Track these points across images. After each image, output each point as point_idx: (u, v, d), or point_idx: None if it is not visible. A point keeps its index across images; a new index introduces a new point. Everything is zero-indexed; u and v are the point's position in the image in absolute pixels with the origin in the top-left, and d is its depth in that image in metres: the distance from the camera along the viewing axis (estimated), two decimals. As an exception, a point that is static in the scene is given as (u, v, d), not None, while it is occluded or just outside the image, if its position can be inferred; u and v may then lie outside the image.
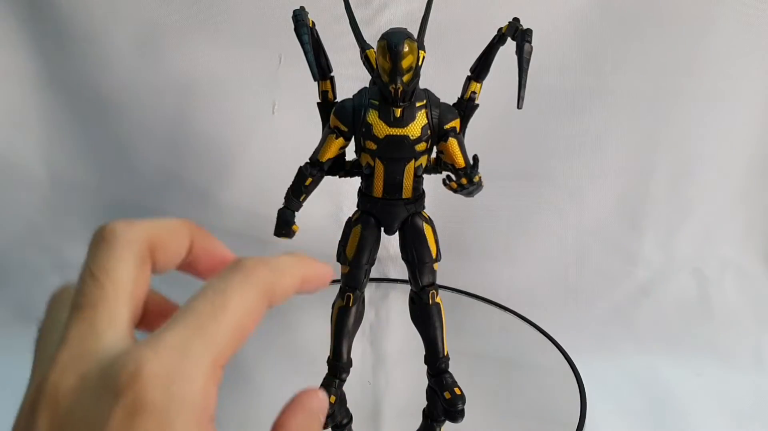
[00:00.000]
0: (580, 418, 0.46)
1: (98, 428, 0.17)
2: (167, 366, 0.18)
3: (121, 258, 0.20)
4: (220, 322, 0.19)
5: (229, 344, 0.19)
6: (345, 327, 0.42)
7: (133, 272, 0.20)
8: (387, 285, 0.63)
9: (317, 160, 0.39)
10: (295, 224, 0.40)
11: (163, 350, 0.18)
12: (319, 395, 0.22)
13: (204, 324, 0.19)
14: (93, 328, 0.19)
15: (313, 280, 0.23)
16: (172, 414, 0.17)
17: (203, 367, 0.18)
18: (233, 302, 0.19)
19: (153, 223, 0.22)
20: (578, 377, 0.50)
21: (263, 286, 0.20)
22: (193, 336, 0.18)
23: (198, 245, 0.23)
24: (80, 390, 0.18)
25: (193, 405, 0.18)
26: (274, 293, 0.21)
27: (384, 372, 0.61)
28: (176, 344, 0.18)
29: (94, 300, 0.19)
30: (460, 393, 0.42)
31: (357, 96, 0.38)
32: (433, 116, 0.37)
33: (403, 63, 0.34)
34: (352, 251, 0.40)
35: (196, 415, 0.18)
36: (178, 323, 0.19)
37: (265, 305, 0.20)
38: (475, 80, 0.39)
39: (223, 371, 0.19)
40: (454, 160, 0.38)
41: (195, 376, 0.18)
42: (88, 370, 0.18)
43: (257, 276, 0.20)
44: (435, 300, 0.42)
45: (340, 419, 0.45)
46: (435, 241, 0.40)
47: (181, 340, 0.18)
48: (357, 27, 0.38)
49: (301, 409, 0.21)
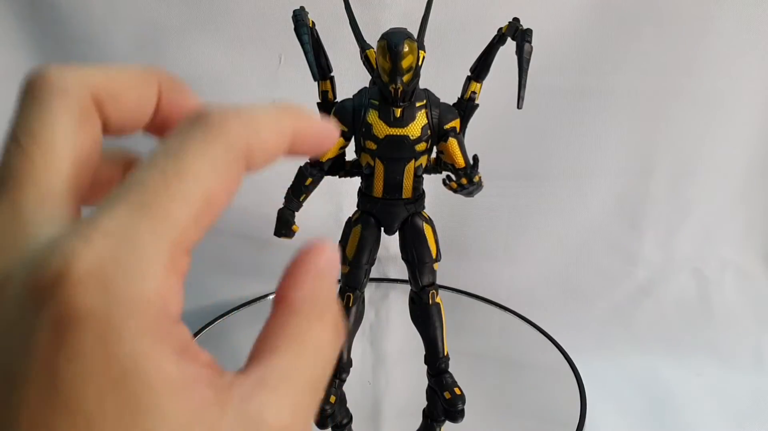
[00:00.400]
0: (580, 418, 0.46)
1: (22, 351, 0.13)
2: (105, 259, 0.13)
3: (54, 115, 0.15)
4: (174, 195, 0.14)
5: (192, 222, 0.14)
6: (345, 327, 0.42)
7: (71, 133, 0.16)
8: (387, 285, 0.63)
9: (317, 160, 0.39)
10: (295, 224, 0.40)
11: (99, 238, 0.13)
12: (327, 250, 0.17)
13: (152, 200, 0.14)
14: (17, 212, 0.15)
15: (308, 138, 0.17)
16: (115, 323, 0.13)
17: (156, 256, 0.13)
18: (193, 166, 0.14)
19: (101, 70, 0.17)
20: (578, 377, 0.50)
21: (235, 143, 0.15)
22: (138, 217, 0.14)
23: (169, 100, 0.18)
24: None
25: (144, 308, 0.13)
26: (251, 153, 0.16)
27: (384, 372, 0.61)
28: (116, 229, 0.13)
29: (19, 175, 0.15)
30: (460, 393, 0.42)
31: (357, 96, 0.38)
32: (433, 116, 0.37)
33: (403, 63, 0.34)
34: (352, 251, 0.40)
35: (151, 321, 0.13)
36: (119, 200, 0.14)
37: (241, 168, 0.15)
38: (475, 80, 0.39)
39: (189, 258, 0.14)
40: (454, 160, 0.38)
41: (145, 270, 0.13)
42: (11, 270, 0.14)
43: (226, 131, 0.15)
44: (435, 300, 0.42)
45: (340, 419, 0.45)
46: (435, 241, 0.40)
47: (122, 223, 0.13)
48: (357, 27, 0.38)
49: (306, 272, 0.16)
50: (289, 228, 0.40)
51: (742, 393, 0.65)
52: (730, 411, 0.63)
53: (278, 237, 0.40)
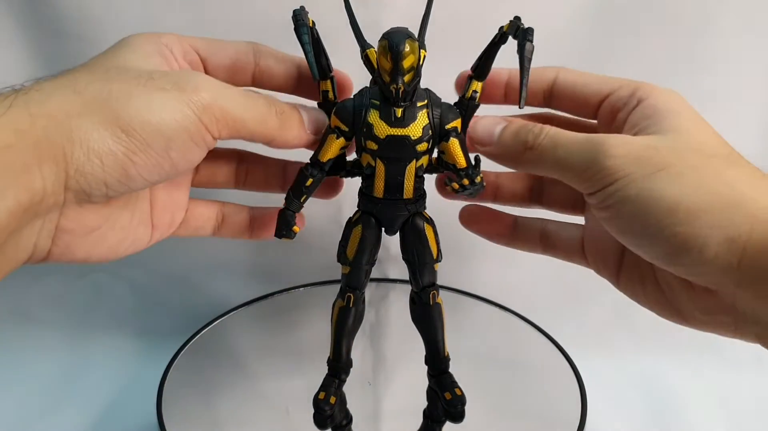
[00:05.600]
0: (580, 418, 0.46)
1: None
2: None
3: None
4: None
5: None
6: (345, 327, 0.42)
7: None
8: (387, 285, 0.63)
9: (318, 160, 0.39)
10: (295, 225, 0.40)
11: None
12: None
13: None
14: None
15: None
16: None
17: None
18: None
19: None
20: (578, 377, 0.50)
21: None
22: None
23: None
24: None
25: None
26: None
27: (384, 372, 0.61)
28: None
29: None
30: (460, 394, 0.41)
31: (358, 96, 0.38)
32: (434, 116, 0.37)
33: (404, 63, 0.34)
34: (352, 251, 0.40)
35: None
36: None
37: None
38: (476, 79, 0.39)
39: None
40: (455, 160, 0.38)
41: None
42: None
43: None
44: (436, 300, 0.41)
45: (339, 419, 0.45)
46: (436, 242, 0.40)
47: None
48: (357, 26, 0.38)
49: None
50: (290, 229, 0.40)
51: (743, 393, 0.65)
52: (730, 411, 0.63)
53: (279, 238, 0.40)
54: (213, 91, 0.33)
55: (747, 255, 0.29)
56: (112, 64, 0.34)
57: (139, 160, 0.31)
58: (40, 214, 0.29)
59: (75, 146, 0.29)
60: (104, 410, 0.61)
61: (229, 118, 0.34)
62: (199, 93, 0.33)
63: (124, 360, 0.67)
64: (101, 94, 0.31)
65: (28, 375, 0.64)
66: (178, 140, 0.32)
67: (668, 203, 0.31)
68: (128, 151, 0.30)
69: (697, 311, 0.34)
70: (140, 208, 0.37)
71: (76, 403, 0.61)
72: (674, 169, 0.31)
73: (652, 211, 0.31)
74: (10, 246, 0.29)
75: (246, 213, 0.43)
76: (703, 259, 0.30)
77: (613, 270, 0.40)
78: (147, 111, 0.31)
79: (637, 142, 0.33)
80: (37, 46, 0.58)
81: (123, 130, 0.30)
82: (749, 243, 0.29)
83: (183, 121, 0.32)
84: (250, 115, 0.35)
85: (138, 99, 0.31)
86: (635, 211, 0.32)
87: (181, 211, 0.40)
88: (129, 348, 0.68)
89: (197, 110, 0.32)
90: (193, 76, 0.34)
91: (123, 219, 0.36)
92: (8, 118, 0.28)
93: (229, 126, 0.34)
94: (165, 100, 0.32)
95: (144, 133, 0.31)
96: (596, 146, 0.33)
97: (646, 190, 0.31)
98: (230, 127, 0.34)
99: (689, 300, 0.34)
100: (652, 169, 0.32)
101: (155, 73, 0.33)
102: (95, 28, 0.56)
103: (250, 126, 0.35)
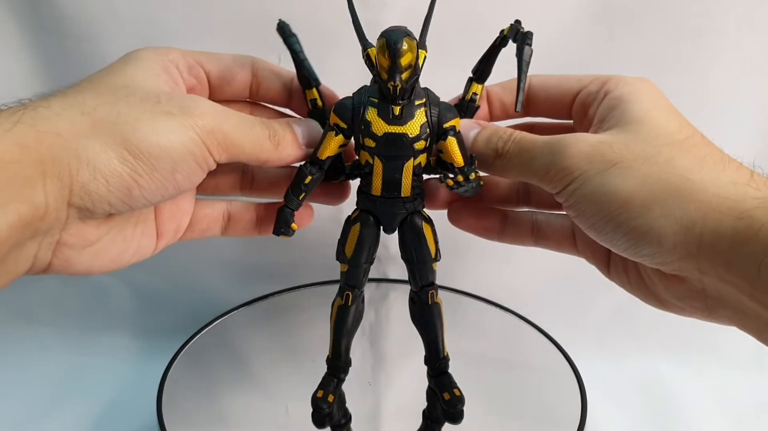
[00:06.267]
0: (580, 418, 0.46)
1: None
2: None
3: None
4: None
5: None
6: (344, 326, 0.42)
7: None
8: (387, 285, 0.63)
9: (316, 157, 0.39)
10: (294, 223, 0.40)
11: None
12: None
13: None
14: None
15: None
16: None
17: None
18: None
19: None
20: (578, 377, 0.50)
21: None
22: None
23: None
24: None
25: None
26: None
27: (383, 372, 0.61)
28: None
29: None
30: (459, 395, 0.41)
31: (357, 94, 0.38)
32: (432, 115, 0.37)
33: (401, 61, 0.34)
34: (351, 249, 0.40)
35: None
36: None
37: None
38: (476, 81, 0.39)
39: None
40: (453, 159, 0.38)
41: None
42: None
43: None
44: (435, 300, 0.41)
45: (338, 418, 0.45)
46: (434, 241, 0.40)
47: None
48: (359, 26, 0.38)
49: None
50: (289, 226, 0.40)
51: (743, 393, 0.65)
52: (730, 412, 0.63)
53: (277, 236, 0.40)
54: (216, 117, 0.34)
55: (704, 243, 0.30)
56: (119, 83, 0.34)
57: (144, 182, 0.32)
58: (41, 230, 0.30)
59: (81, 165, 0.30)
60: (104, 410, 0.61)
61: (228, 143, 0.35)
62: (204, 118, 0.34)
63: (124, 360, 0.67)
64: (109, 116, 0.31)
65: (28, 376, 0.64)
66: (183, 163, 0.33)
67: (622, 197, 0.31)
68: (134, 173, 0.31)
69: (672, 297, 0.35)
70: (144, 218, 0.37)
71: (76, 403, 0.61)
72: (626, 163, 0.32)
73: (607, 206, 0.32)
74: (10, 258, 0.29)
75: (253, 210, 0.43)
76: (663, 250, 0.31)
77: (603, 259, 0.40)
78: (154, 134, 0.32)
79: (592, 139, 0.34)
80: (38, 46, 0.58)
81: (130, 152, 0.31)
82: (705, 230, 0.30)
83: (189, 145, 0.33)
84: (248, 139, 0.36)
85: (145, 123, 0.32)
86: (593, 208, 0.33)
87: (186, 217, 0.40)
88: (129, 348, 0.68)
89: (202, 134, 0.33)
90: (198, 101, 0.35)
91: (126, 231, 0.36)
92: (14, 133, 0.29)
93: (228, 150, 0.35)
94: (172, 124, 0.33)
95: (151, 157, 0.32)
96: (554, 147, 0.34)
97: (600, 185, 0.32)
98: (229, 152, 0.35)
99: (664, 287, 0.35)
100: (605, 165, 0.32)
101: (162, 96, 0.34)
102: (95, 28, 0.56)
103: (248, 150, 0.36)
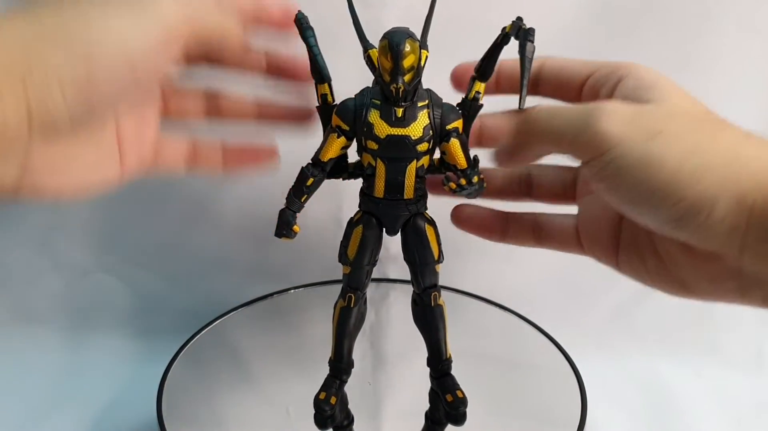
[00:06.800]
0: (580, 418, 0.46)
1: None
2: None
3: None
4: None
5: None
6: (346, 327, 0.42)
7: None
8: (387, 285, 0.63)
9: (319, 159, 0.39)
10: (296, 224, 0.40)
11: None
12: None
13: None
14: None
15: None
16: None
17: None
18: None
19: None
20: (578, 377, 0.50)
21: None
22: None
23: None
24: None
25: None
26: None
27: (385, 373, 0.61)
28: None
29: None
30: (462, 397, 0.41)
31: (359, 95, 0.38)
32: (435, 116, 0.37)
33: (404, 62, 0.34)
34: (353, 251, 0.40)
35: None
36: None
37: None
38: (479, 80, 0.39)
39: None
40: (455, 160, 0.38)
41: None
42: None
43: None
44: (437, 302, 0.41)
45: (340, 420, 0.45)
46: (437, 242, 0.40)
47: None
48: (360, 27, 0.38)
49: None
50: (290, 228, 0.39)
51: (743, 394, 0.65)
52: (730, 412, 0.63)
53: (279, 237, 0.40)
54: (174, 2, 0.33)
55: (755, 214, 0.29)
56: None
57: (100, 81, 0.31)
58: (3, 149, 0.29)
59: (34, 74, 0.29)
60: (104, 410, 0.61)
61: (193, 25, 0.34)
62: (161, 5, 0.33)
63: (124, 360, 0.67)
64: (57, 20, 0.30)
65: (28, 375, 0.64)
66: (140, 56, 0.32)
67: (671, 167, 0.30)
68: (88, 73, 0.30)
69: (702, 280, 0.34)
70: (106, 140, 0.36)
71: (76, 403, 0.61)
72: (671, 132, 0.31)
73: (655, 176, 0.30)
74: None
75: (219, 146, 0.42)
76: (711, 222, 0.29)
77: (611, 252, 0.39)
78: (105, 30, 0.31)
79: (630, 108, 0.33)
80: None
81: (82, 52, 0.30)
82: (756, 203, 0.29)
83: (144, 36, 0.32)
84: (210, 18, 0.35)
85: (96, 20, 0.31)
86: (636, 178, 0.31)
87: (150, 145, 0.39)
88: (129, 348, 0.68)
89: (159, 22, 0.32)
90: None
91: (89, 153, 0.35)
92: None
93: (194, 31, 0.34)
94: (124, 18, 0.32)
95: (104, 53, 0.30)
96: (589, 110, 0.33)
97: (645, 154, 0.31)
98: (196, 33, 0.34)
99: (693, 268, 0.34)
100: (650, 133, 0.31)
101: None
102: None
103: (211, 26, 0.35)
